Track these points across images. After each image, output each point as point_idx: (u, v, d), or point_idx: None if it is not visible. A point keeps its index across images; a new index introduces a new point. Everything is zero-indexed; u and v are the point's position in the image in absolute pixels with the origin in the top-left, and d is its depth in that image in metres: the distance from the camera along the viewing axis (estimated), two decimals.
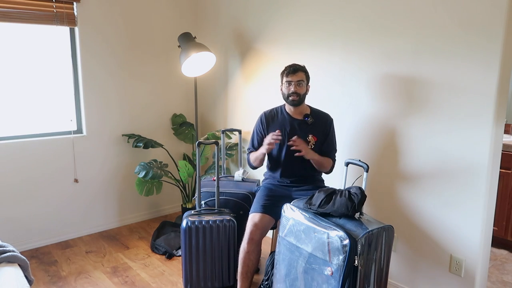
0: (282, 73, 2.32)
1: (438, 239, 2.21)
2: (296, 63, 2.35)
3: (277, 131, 2.27)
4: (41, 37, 2.93)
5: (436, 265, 2.23)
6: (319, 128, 2.36)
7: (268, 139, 2.23)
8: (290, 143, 2.21)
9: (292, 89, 2.26)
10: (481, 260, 2.10)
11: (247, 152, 2.51)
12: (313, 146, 2.32)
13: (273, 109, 2.46)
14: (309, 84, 2.35)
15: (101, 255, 2.93)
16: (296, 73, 2.27)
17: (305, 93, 2.32)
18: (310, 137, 2.32)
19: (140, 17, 3.33)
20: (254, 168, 2.47)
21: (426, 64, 2.15)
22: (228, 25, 3.38)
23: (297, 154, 2.21)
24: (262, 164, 2.44)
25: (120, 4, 3.20)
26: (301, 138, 2.29)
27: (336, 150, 2.42)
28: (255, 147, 2.47)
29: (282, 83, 2.33)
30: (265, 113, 2.46)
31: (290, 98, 2.28)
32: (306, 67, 2.36)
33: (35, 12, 2.81)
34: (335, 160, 2.40)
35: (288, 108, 2.38)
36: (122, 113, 3.35)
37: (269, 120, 2.41)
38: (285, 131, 2.34)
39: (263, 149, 2.29)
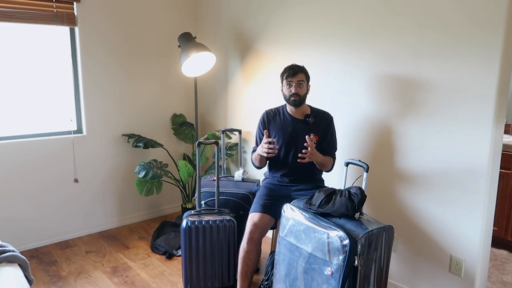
0: (282, 75, 2.33)
1: (438, 239, 2.21)
2: (296, 63, 2.36)
3: (269, 139, 2.22)
4: (41, 37, 2.93)
5: (436, 265, 2.23)
6: (320, 127, 2.37)
7: (265, 147, 2.21)
8: (301, 155, 2.19)
9: (292, 90, 2.28)
10: (481, 260, 2.10)
11: (252, 151, 2.51)
12: (315, 145, 2.33)
13: (275, 108, 2.47)
14: (309, 83, 2.36)
15: (101, 255, 2.93)
16: (296, 74, 2.28)
17: (306, 93, 2.33)
18: (312, 136, 2.33)
19: (140, 17, 3.33)
20: (258, 167, 2.45)
21: (426, 64, 2.15)
22: (228, 25, 3.38)
23: (300, 160, 2.21)
24: (264, 165, 2.43)
25: (120, 4, 3.20)
26: (301, 137, 2.30)
27: (336, 148, 2.43)
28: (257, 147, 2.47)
29: (282, 85, 2.34)
30: (267, 112, 2.47)
31: (292, 99, 2.29)
32: (306, 67, 2.36)
33: (35, 12, 2.81)
34: (335, 158, 2.41)
35: (289, 109, 2.39)
36: (122, 113, 3.35)
37: (270, 120, 2.42)
38: (287, 132, 2.35)
39: (261, 153, 2.27)
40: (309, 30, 2.72)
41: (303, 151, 2.19)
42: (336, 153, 2.43)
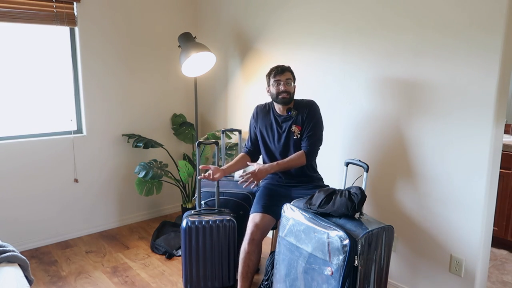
0: (269, 75, 2.33)
1: (438, 239, 2.21)
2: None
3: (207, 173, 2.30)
4: (41, 37, 2.93)
5: (436, 265, 2.23)
6: (302, 116, 2.34)
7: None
8: (240, 183, 2.24)
9: (281, 88, 2.27)
10: (481, 260, 2.10)
11: (243, 149, 2.54)
12: (298, 136, 2.33)
13: (266, 104, 2.47)
14: (295, 84, 2.36)
15: (101, 255, 2.93)
16: (283, 72, 2.29)
17: (293, 92, 2.33)
18: (294, 127, 2.33)
19: (140, 17, 3.33)
20: None
21: (426, 64, 2.15)
22: (228, 25, 3.38)
23: (252, 187, 2.23)
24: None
25: (120, 4, 3.20)
26: (285, 132, 2.32)
27: (317, 137, 2.31)
28: (249, 143, 2.50)
29: (269, 85, 2.34)
30: (258, 106, 2.49)
31: (281, 96, 2.28)
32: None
33: (35, 12, 2.81)
34: (312, 148, 2.29)
35: (277, 107, 2.38)
36: (122, 113, 3.35)
37: (259, 115, 2.44)
38: (274, 132, 2.37)
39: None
40: (309, 30, 2.72)
41: (246, 177, 2.19)
42: (315, 142, 2.31)
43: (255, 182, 2.20)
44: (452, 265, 2.16)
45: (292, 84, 2.31)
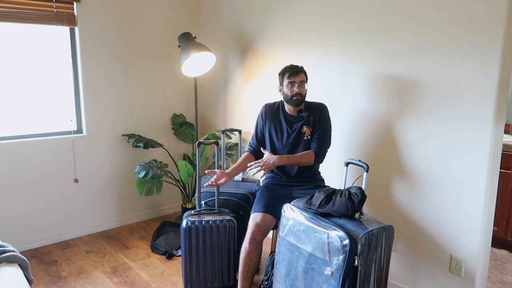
0: (282, 74, 2.31)
1: (438, 239, 2.21)
2: (295, 62, 2.36)
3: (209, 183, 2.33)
4: (41, 37, 2.93)
5: (436, 265, 2.23)
6: (313, 118, 2.35)
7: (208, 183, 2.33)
8: (255, 167, 2.28)
9: (295, 90, 2.26)
10: (481, 260, 2.10)
11: (248, 144, 2.52)
12: (308, 137, 2.33)
13: (275, 103, 2.47)
14: (307, 83, 2.36)
15: (101, 255, 2.93)
16: (298, 74, 2.28)
17: (306, 94, 2.33)
18: (305, 128, 2.33)
19: (140, 17, 3.33)
20: None
21: (426, 64, 2.15)
22: (228, 25, 3.38)
23: (262, 175, 2.31)
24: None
25: (120, 4, 3.20)
26: (295, 132, 2.34)
27: (325, 139, 2.34)
28: (254, 141, 2.49)
29: (282, 85, 2.32)
30: (267, 105, 2.47)
31: (294, 98, 2.28)
32: (306, 66, 2.36)
33: (35, 12, 2.81)
34: (322, 149, 2.32)
35: (288, 108, 2.38)
36: (122, 113, 3.35)
37: (268, 113, 2.43)
38: (283, 131, 2.37)
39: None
40: (309, 29, 2.72)
41: (255, 165, 2.25)
42: (324, 145, 2.34)
43: (264, 170, 2.24)
44: (452, 265, 2.16)
45: (305, 86, 2.31)
